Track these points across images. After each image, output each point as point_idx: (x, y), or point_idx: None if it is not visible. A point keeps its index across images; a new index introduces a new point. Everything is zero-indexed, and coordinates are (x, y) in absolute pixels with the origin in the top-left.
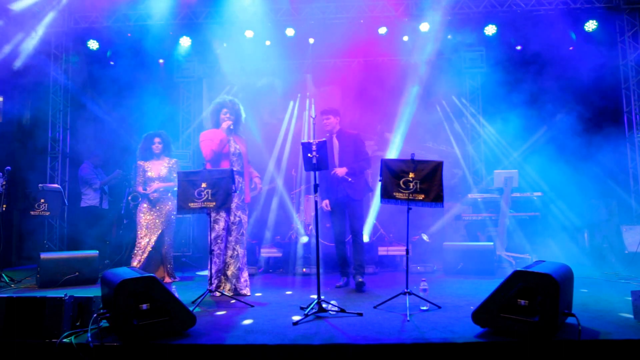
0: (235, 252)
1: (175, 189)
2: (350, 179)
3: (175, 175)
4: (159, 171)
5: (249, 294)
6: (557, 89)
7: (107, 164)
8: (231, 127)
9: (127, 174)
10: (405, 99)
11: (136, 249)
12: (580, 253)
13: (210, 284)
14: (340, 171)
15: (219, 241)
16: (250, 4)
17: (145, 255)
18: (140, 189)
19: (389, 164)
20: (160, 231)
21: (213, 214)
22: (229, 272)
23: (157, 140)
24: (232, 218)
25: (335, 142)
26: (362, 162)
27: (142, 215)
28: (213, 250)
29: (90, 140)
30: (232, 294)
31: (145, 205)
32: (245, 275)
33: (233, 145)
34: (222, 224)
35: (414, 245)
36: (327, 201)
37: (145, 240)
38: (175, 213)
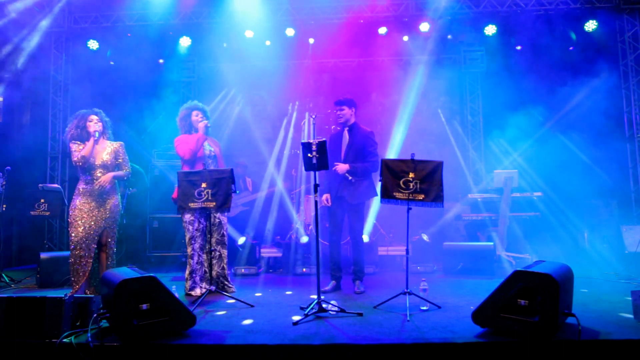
0: (218, 253)
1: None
2: (351, 178)
3: (120, 160)
4: (100, 157)
5: (234, 290)
6: (557, 89)
7: None
8: (208, 125)
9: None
10: (405, 99)
11: (74, 257)
12: (580, 253)
13: (185, 281)
14: (341, 168)
15: (192, 242)
16: (250, 4)
17: (89, 264)
18: (78, 156)
19: (389, 164)
20: (101, 230)
21: (188, 216)
22: (213, 273)
23: (94, 118)
24: (212, 220)
25: (346, 135)
26: (368, 163)
27: (78, 212)
28: (187, 250)
29: None
30: (220, 292)
31: (81, 200)
32: (226, 274)
33: (207, 148)
34: (196, 224)
35: (414, 245)
36: (327, 195)
37: (83, 246)
38: (120, 207)
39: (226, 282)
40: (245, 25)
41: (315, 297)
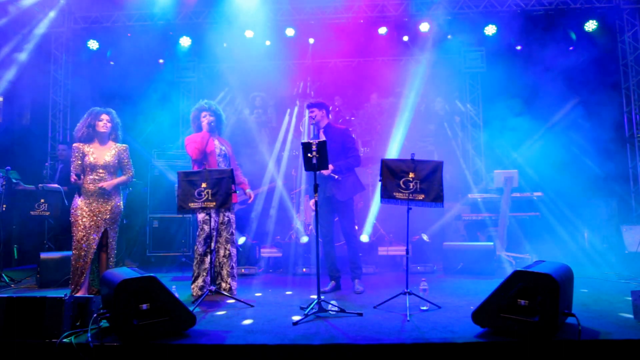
0: (228, 252)
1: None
2: (337, 177)
3: (124, 163)
4: (103, 157)
5: (234, 291)
6: (557, 89)
7: None
8: (212, 124)
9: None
10: (405, 99)
11: (75, 257)
12: (580, 253)
13: (194, 281)
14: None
15: (208, 241)
16: (250, 4)
17: (87, 263)
18: (74, 177)
19: (389, 164)
20: (102, 231)
21: (202, 215)
22: (223, 272)
23: (105, 117)
24: (221, 218)
25: (322, 137)
26: (349, 159)
27: (80, 212)
28: (198, 249)
29: None
30: (227, 293)
31: (83, 200)
32: (235, 273)
33: (218, 146)
34: (212, 224)
35: (414, 245)
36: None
37: (86, 244)
38: (122, 208)
39: (230, 282)
40: (245, 25)
41: (315, 297)
